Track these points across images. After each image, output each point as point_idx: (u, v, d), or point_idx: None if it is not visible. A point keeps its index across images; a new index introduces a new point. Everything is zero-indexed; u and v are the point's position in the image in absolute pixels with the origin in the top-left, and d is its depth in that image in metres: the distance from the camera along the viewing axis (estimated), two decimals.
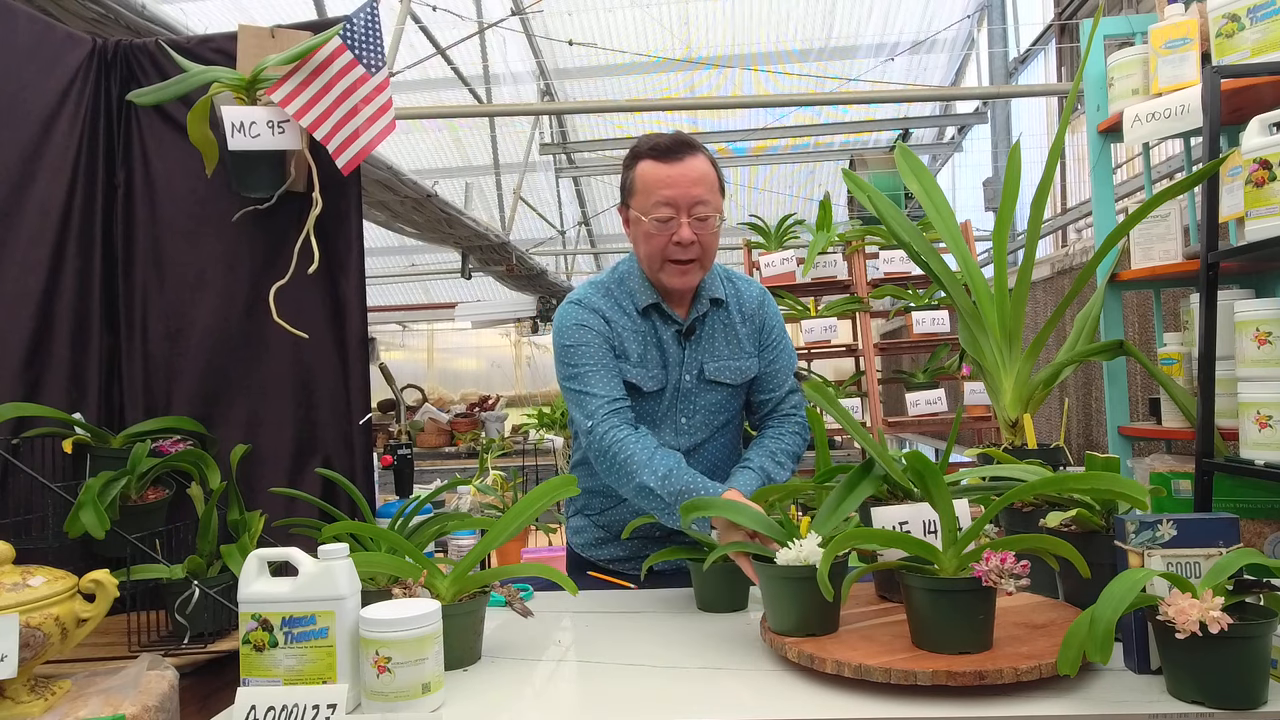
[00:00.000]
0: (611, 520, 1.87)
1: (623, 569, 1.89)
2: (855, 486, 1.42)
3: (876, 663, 1.14)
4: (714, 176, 1.71)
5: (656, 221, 1.67)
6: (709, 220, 1.68)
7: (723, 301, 1.80)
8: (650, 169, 1.68)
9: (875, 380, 3.60)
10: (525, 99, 8.96)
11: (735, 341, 1.80)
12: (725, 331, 1.79)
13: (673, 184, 1.66)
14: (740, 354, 1.80)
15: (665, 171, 1.66)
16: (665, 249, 1.68)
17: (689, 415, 1.78)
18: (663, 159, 1.67)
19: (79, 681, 1.29)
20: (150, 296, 1.98)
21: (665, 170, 1.66)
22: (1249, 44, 1.91)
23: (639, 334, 1.75)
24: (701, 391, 1.77)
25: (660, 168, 1.67)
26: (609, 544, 1.89)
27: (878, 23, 8.44)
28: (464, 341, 14.81)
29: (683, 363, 1.76)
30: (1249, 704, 1.05)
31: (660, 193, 1.66)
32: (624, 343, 1.73)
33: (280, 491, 1.79)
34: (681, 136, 1.71)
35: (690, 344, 1.77)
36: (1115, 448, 2.38)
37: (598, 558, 1.92)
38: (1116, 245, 1.94)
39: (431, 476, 4.55)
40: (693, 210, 1.67)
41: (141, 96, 1.84)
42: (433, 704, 1.15)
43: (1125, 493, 1.22)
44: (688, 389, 1.77)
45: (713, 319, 1.79)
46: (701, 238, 1.68)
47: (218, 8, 6.56)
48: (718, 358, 1.78)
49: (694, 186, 1.66)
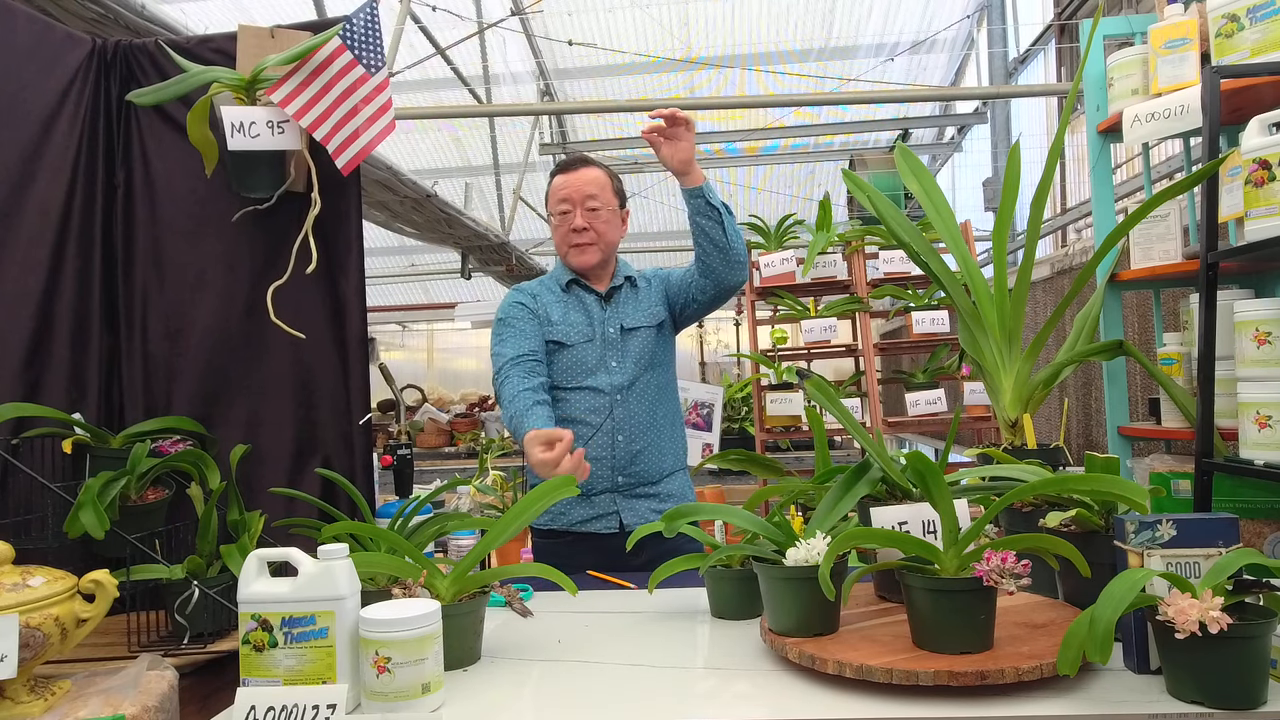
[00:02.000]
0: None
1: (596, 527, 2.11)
2: (851, 486, 1.42)
3: (878, 663, 1.14)
4: (605, 180, 2.19)
5: (558, 215, 2.18)
6: (599, 210, 2.16)
7: (634, 281, 2.26)
8: (555, 180, 2.21)
9: (875, 380, 3.60)
10: (525, 99, 8.95)
11: (647, 301, 2.24)
12: (636, 298, 2.24)
13: (568, 185, 2.17)
14: (651, 305, 2.23)
15: (564, 179, 2.18)
16: (567, 235, 2.17)
17: (619, 359, 2.15)
18: (563, 172, 2.20)
19: (79, 682, 1.28)
20: (150, 296, 1.98)
21: (564, 178, 2.19)
22: (1249, 44, 1.91)
23: (562, 302, 2.20)
24: (626, 338, 2.17)
25: (561, 178, 2.19)
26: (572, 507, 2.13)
27: (878, 23, 8.43)
28: (464, 341, 14.80)
29: (604, 319, 2.19)
30: (1249, 704, 1.05)
31: (560, 194, 2.17)
32: (548, 310, 2.18)
33: (280, 491, 1.79)
34: (580, 155, 2.25)
35: (610, 306, 2.21)
36: (1115, 448, 2.38)
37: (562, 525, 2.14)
38: (1116, 245, 1.94)
39: (431, 476, 4.54)
40: (584, 203, 2.15)
41: (141, 97, 1.84)
42: (433, 704, 1.15)
43: (1125, 495, 1.22)
44: (613, 338, 2.16)
45: (627, 290, 2.24)
46: (594, 224, 2.15)
47: (218, 8, 6.56)
48: (633, 314, 2.21)
49: (585, 185, 2.16)
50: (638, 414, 2.13)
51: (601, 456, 2.09)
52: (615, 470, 2.11)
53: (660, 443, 2.16)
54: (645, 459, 2.13)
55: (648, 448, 2.14)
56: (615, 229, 2.21)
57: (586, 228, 2.14)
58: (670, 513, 1.48)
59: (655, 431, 2.16)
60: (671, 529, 1.48)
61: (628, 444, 2.11)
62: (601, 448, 2.09)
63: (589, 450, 2.07)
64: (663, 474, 2.16)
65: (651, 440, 2.15)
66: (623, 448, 2.11)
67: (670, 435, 2.20)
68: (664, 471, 2.17)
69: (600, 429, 2.11)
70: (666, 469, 2.17)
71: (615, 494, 2.12)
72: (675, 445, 2.22)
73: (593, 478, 2.08)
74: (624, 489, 2.12)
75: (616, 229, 2.22)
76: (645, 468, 2.13)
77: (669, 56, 7.86)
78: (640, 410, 2.14)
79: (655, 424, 2.16)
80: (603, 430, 2.11)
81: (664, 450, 2.17)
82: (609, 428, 2.11)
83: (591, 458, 2.03)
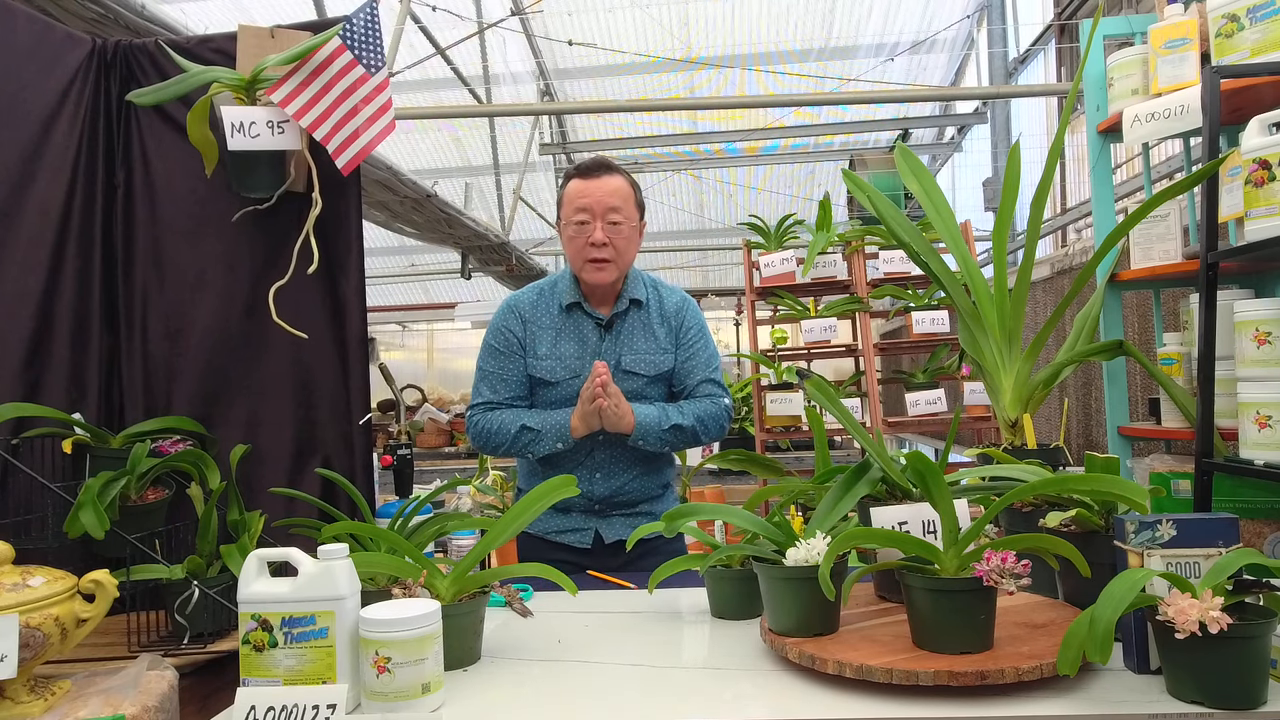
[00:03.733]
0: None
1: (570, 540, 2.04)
2: (851, 486, 1.42)
3: (878, 663, 1.14)
4: (629, 192, 2.01)
5: (575, 225, 1.97)
6: (620, 225, 1.97)
7: (642, 303, 2.06)
8: (573, 185, 2.01)
9: (875, 380, 3.60)
10: (525, 99, 8.95)
11: (653, 338, 2.05)
12: (644, 329, 2.05)
13: (588, 194, 1.97)
14: (656, 349, 2.04)
15: (584, 186, 1.98)
16: (584, 249, 1.97)
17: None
18: (583, 176, 2.00)
19: (79, 682, 1.28)
20: (150, 296, 1.98)
21: (584, 185, 1.98)
22: (1248, 44, 1.91)
23: (555, 329, 2.03)
24: (618, 380, 1.97)
25: (580, 183, 1.99)
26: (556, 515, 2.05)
27: (877, 23, 8.43)
28: (464, 341, 14.80)
29: (600, 353, 2.01)
30: (1249, 704, 1.05)
31: (578, 202, 1.97)
32: (536, 341, 2.03)
33: (280, 491, 1.78)
34: (601, 159, 2.04)
35: (610, 337, 2.03)
36: (1115, 448, 2.38)
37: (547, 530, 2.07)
38: (1116, 245, 1.94)
39: (431, 476, 4.54)
40: (606, 216, 1.96)
41: (141, 97, 1.84)
42: (432, 704, 1.15)
43: (1125, 495, 1.22)
44: None
45: (633, 317, 2.05)
46: (614, 240, 1.97)
47: (218, 8, 6.56)
48: (635, 351, 2.03)
49: (608, 197, 1.97)
50: (619, 457, 2.02)
51: (581, 494, 1.97)
52: (591, 501, 2.04)
53: (644, 481, 2.05)
54: (625, 493, 2.04)
55: (628, 484, 2.04)
56: (634, 245, 2.03)
57: (606, 243, 1.96)
58: (670, 513, 1.48)
59: (637, 468, 2.04)
60: (672, 529, 1.48)
61: (605, 482, 2.03)
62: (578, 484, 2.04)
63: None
64: (644, 498, 2.07)
65: (633, 477, 2.04)
66: (600, 484, 2.03)
67: (655, 470, 2.08)
68: (646, 497, 2.07)
69: (580, 466, 2.01)
70: (649, 495, 2.07)
71: (590, 515, 2.05)
72: (659, 477, 2.10)
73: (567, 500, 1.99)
74: (600, 512, 2.05)
75: (635, 245, 2.04)
76: (625, 498, 2.04)
77: (669, 56, 7.86)
78: (623, 454, 2.02)
79: (638, 462, 2.04)
80: (582, 468, 2.02)
81: (647, 484, 2.06)
82: (589, 466, 2.02)
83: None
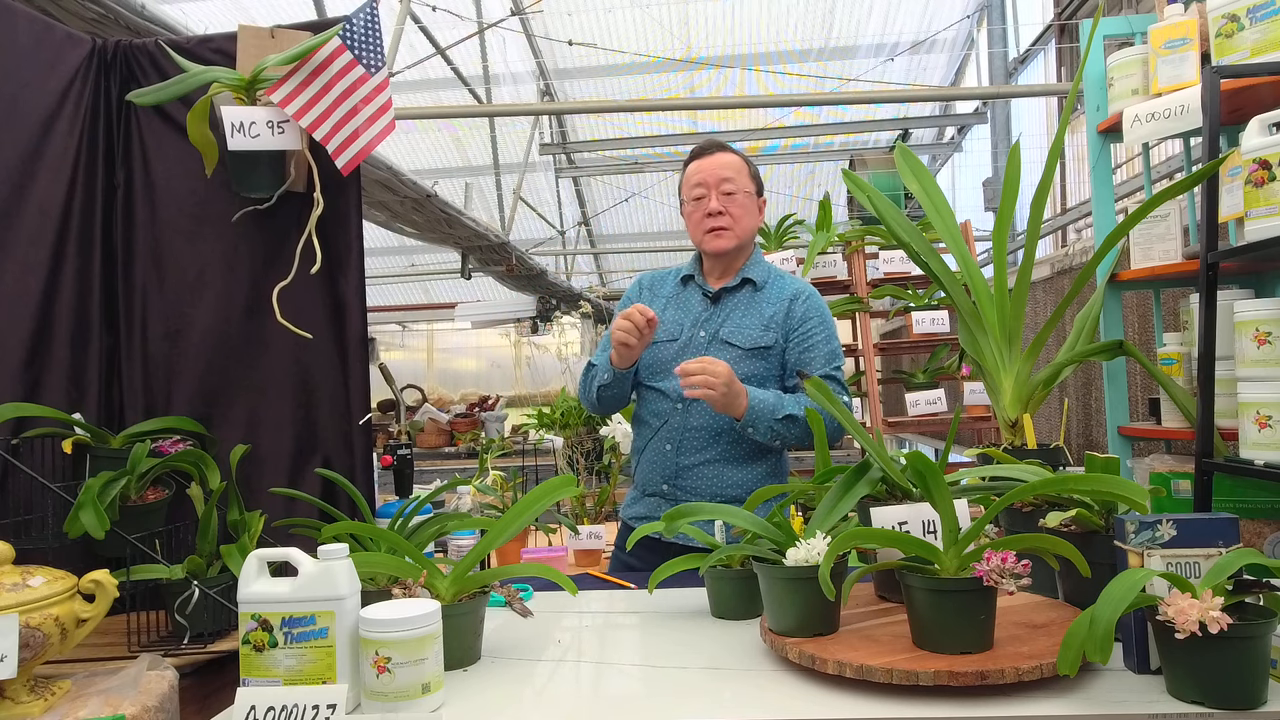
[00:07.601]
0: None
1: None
2: (851, 486, 1.42)
3: (878, 663, 1.14)
4: (741, 165, 2.12)
5: (693, 201, 2.11)
6: (734, 195, 2.08)
7: (757, 284, 2.11)
8: (690, 167, 2.16)
9: (875, 380, 3.60)
10: (525, 99, 8.96)
11: (758, 315, 2.08)
12: (751, 306, 2.10)
13: (702, 170, 2.11)
14: (759, 325, 2.06)
15: (698, 164, 2.13)
16: (701, 221, 2.09)
17: None
18: (698, 157, 2.14)
19: (79, 682, 1.28)
20: (150, 296, 1.98)
21: (698, 164, 2.13)
22: (1249, 44, 1.91)
23: (667, 298, 2.18)
24: (711, 349, 2.04)
25: (696, 163, 2.14)
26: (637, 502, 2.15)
27: (877, 23, 8.44)
28: (464, 341, 14.82)
29: (701, 322, 2.09)
30: (1249, 704, 1.05)
31: (694, 179, 2.12)
32: (654, 306, 2.13)
33: (280, 491, 1.78)
34: (714, 140, 2.18)
35: (716, 309, 2.10)
36: (1115, 448, 2.38)
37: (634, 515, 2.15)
38: (1116, 245, 1.94)
39: (431, 476, 4.53)
40: (720, 186, 2.08)
41: (141, 97, 1.84)
42: (433, 704, 1.15)
43: (1125, 495, 1.22)
44: (699, 344, 2.05)
45: (743, 294, 2.11)
46: (730, 208, 2.08)
47: (218, 8, 6.56)
48: (736, 323, 2.07)
49: (720, 169, 2.09)
50: (696, 429, 2.01)
51: (655, 461, 2.06)
52: (663, 479, 2.05)
53: (722, 469, 2.00)
54: (694, 477, 2.01)
55: (699, 465, 2.01)
56: (752, 216, 2.11)
57: (722, 211, 2.06)
58: (670, 513, 1.48)
59: (712, 452, 2.00)
60: (672, 529, 1.48)
61: (675, 455, 2.02)
62: (655, 453, 2.06)
63: (646, 452, 2.09)
64: (716, 498, 2.00)
65: (706, 460, 2.00)
66: (670, 458, 2.03)
67: (736, 462, 2.01)
68: (718, 497, 2.00)
69: (657, 434, 2.06)
70: (723, 497, 2.00)
71: (660, 499, 2.05)
72: (743, 476, 2.01)
73: (651, 477, 2.08)
74: (669, 496, 2.03)
75: (754, 216, 2.12)
76: (695, 485, 2.01)
77: (669, 56, 7.87)
78: (700, 425, 2.01)
79: (715, 444, 2.00)
80: (659, 435, 2.06)
81: (725, 478, 2.00)
82: (664, 434, 2.05)
83: (648, 460, 2.08)
